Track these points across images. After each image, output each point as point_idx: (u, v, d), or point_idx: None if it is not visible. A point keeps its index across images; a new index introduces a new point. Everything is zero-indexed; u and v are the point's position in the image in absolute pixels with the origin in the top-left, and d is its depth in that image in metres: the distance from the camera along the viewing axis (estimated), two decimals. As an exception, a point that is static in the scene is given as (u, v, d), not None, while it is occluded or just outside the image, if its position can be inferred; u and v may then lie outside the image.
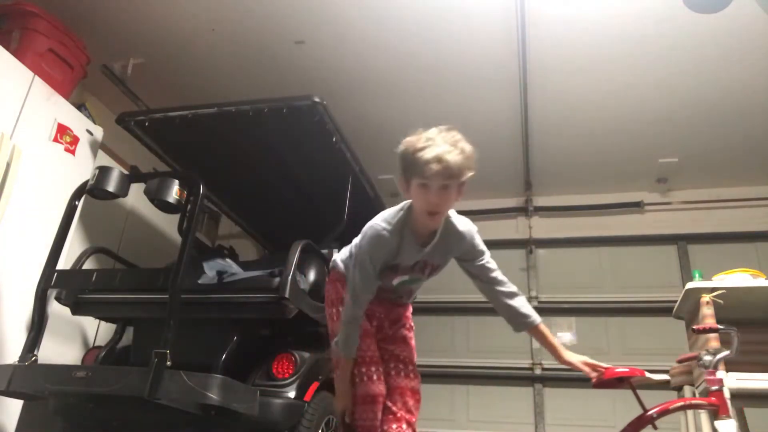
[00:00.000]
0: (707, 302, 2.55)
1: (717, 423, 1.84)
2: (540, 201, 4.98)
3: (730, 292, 2.54)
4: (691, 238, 4.61)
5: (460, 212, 1.86)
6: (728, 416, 1.86)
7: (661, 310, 4.12)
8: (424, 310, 4.60)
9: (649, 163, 4.45)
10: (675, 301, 2.84)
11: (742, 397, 2.45)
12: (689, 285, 2.64)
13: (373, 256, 1.77)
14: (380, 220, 1.79)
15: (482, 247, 1.88)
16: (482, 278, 1.89)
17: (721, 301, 2.53)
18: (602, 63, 3.50)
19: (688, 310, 2.79)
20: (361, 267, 1.79)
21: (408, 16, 3.25)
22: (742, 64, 3.42)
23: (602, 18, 3.18)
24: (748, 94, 3.66)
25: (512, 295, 1.88)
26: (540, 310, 4.82)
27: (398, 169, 1.71)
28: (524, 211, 4.96)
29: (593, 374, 1.84)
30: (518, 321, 1.88)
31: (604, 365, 1.85)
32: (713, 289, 2.57)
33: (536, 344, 4.41)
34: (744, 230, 4.47)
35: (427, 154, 1.59)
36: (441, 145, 1.60)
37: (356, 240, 1.93)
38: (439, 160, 1.58)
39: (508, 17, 3.20)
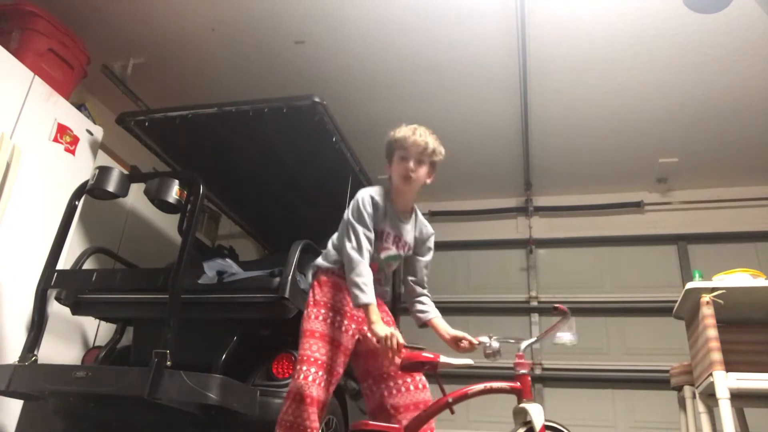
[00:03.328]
0: (707, 302, 2.54)
1: (524, 406, 1.79)
2: (540, 201, 4.97)
3: (730, 292, 2.53)
4: (691, 238, 4.60)
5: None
6: (532, 400, 1.85)
7: (661, 310, 4.12)
8: (424, 310, 4.60)
9: (649, 163, 4.45)
10: (675, 301, 2.83)
11: (742, 397, 2.46)
12: (689, 285, 2.63)
13: (368, 212, 1.97)
14: (366, 190, 2.04)
15: (432, 247, 2.19)
16: (416, 275, 2.17)
17: (721, 301, 2.52)
18: (602, 63, 3.50)
19: (688, 310, 2.79)
20: (359, 218, 1.95)
21: (408, 16, 3.25)
22: (742, 64, 3.42)
23: (602, 18, 3.18)
24: (748, 94, 3.66)
25: (426, 295, 2.18)
26: (540, 310, 4.83)
27: (384, 155, 2.07)
28: (524, 211, 4.95)
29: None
30: (420, 315, 2.15)
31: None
32: (713, 289, 2.56)
33: (536, 345, 4.40)
34: (744, 230, 4.47)
35: (408, 132, 2.01)
36: (419, 128, 2.03)
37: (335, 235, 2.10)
38: (416, 133, 2.01)
39: (508, 17, 3.20)
